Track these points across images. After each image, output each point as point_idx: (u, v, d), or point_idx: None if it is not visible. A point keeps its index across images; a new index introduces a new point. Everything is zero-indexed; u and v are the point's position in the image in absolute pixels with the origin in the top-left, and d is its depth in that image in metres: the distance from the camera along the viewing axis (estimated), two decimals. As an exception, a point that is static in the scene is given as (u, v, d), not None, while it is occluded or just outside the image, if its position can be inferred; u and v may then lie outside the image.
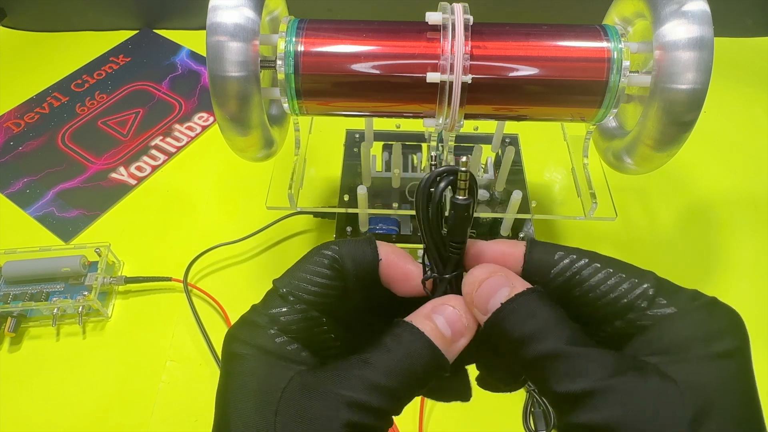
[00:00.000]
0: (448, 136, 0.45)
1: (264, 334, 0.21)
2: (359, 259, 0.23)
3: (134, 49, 0.79)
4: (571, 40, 0.39)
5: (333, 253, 0.23)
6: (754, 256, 0.56)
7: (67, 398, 0.47)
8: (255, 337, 0.21)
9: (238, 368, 0.20)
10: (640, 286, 0.20)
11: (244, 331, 0.21)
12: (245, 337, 0.21)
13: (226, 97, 0.37)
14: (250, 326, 0.22)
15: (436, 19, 0.38)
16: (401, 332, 0.21)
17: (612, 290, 0.20)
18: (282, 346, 0.21)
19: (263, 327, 0.21)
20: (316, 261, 0.23)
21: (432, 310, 0.21)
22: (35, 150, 0.66)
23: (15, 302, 0.50)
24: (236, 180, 0.63)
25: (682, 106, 0.36)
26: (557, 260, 0.21)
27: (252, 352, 0.21)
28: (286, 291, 0.22)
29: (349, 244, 0.23)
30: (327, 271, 0.22)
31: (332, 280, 0.22)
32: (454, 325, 0.21)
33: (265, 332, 0.21)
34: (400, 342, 0.20)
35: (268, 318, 0.21)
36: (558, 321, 0.20)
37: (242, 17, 0.36)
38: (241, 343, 0.21)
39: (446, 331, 0.21)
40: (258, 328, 0.21)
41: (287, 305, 0.22)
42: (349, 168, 0.53)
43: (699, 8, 0.35)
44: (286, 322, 0.21)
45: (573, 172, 0.48)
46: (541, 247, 0.22)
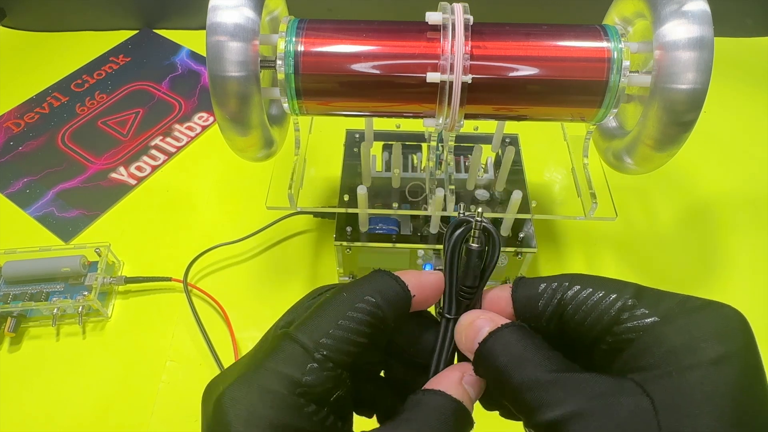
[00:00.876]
0: (448, 136, 0.45)
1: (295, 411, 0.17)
2: (394, 301, 0.21)
3: (134, 49, 0.79)
4: (571, 40, 0.39)
5: (373, 303, 0.21)
6: (754, 256, 0.56)
7: (67, 398, 0.47)
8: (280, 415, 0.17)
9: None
10: (620, 299, 0.20)
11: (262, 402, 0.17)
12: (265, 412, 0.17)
13: (226, 97, 0.37)
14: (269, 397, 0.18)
15: (436, 19, 0.38)
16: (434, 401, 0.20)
17: (595, 308, 0.20)
18: (318, 423, 0.18)
19: (289, 399, 0.18)
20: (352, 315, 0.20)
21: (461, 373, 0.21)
22: (35, 150, 0.66)
23: (15, 302, 0.50)
24: (236, 180, 0.63)
25: (682, 106, 0.36)
26: (541, 292, 0.22)
27: None
28: (322, 353, 0.19)
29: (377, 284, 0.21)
30: (365, 329, 0.20)
31: (370, 334, 0.20)
32: (477, 388, 0.21)
33: (298, 409, 0.18)
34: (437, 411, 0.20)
35: (295, 385, 0.18)
36: (535, 350, 0.20)
37: (242, 17, 0.36)
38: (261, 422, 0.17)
39: (474, 395, 0.21)
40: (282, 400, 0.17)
41: (322, 370, 0.18)
42: (349, 168, 0.53)
43: (699, 8, 0.35)
44: (319, 392, 0.18)
45: (573, 172, 0.48)
46: (525, 283, 0.22)
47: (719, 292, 0.53)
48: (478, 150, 0.49)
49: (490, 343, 0.21)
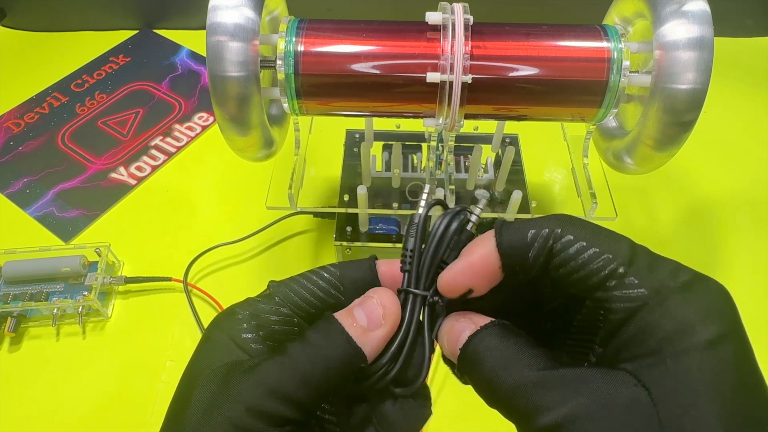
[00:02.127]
0: (448, 136, 0.45)
1: (237, 325, 0.22)
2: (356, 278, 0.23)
3: (134, 49, 0.79)
4: (571, 40, 0.39)
5: (333, 270, 0.23)
6: (754, 256, 0.56)
7: (67, 398, 0.47)
8: (228, 326, 0.22)
9: (203, 349, 0.22)
10: (612, 263, 0.18)
11: (224, 318, 0.22)
12: (222, 323, 0.22)
13: (226, 97, 0.37)
14: (229, 315, 0.22)
15: (436, 19, 0.38)
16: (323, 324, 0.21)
17: (583, 267, 0.19)
18: (246, 342, 0.21)
19: (239, 320, 0.22)
20: (314, 274, 0.23)
21: (357, 302, 0.22)
22: (35, 150, 0.66)
23: (15, 302, 0.50)
24: (236, 180, 0.62)
25: (682, 106, 0.36)
26: (530, 241, 0.20)
27: (219, 337, 0.21)
28: (274, 291, 0.23)
29: (349, 264, 0.24)
30: (322, 285, 0.23)
31: (324, 295, 0.23)
32: (370, 314, 0.21)
33: (239, 324, 0.22)
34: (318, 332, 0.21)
35: (249, 312, 0.22)
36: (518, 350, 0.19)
37: (242, 17, 0.36)
38: (218, 328, 0.22)
39: (363, 320, 0.21)
40: (235, 318, 0.22)
41: (271, 304, 0.22)
42: (349, 168, 0.53)
43: (699, 8, 0.35)
44: (261, 311, 0.22)
45: (573, 172, 0.48)
46: (511, 230, 0.20)
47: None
48: (478, 150, 0.49)
49: (472, 348, 0.20)
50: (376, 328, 0.21)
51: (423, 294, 0.22)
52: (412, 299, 0.22)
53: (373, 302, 0.21)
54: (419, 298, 0.22)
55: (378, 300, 0.22)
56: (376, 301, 0.21)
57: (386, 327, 0.21)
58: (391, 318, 0.21)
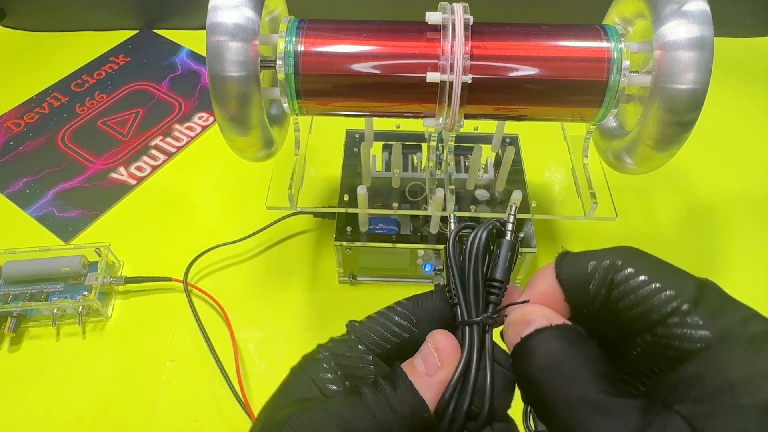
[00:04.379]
0: (448, 136, 0.45)
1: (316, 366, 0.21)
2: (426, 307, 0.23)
3: (134, 49, 0.79)
4: (571, 40, 0.39)
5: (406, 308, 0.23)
6: (754, 256, 0.56)
7: (67, 398, 0.47)
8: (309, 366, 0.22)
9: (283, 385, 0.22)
10: (675, 300, 0.18)
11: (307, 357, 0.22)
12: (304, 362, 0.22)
13: (226, 97, 0.37)
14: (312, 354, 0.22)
15: (436, 19, 0.38)
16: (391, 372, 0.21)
17: (644, 301, 0.18)
18: (323, 382, 0.21)
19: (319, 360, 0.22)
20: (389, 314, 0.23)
21: (419, 351, 0.21)
22: (35, 150, 0.66)
23: (15, 302, 0.50)
24: (236, 180, 0.63)
25: (682, 106, 0.36)
26: (591, 272, 0.19)
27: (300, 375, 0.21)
28: (351, 330, 0.22)
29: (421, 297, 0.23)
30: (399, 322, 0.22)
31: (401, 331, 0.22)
32: (426, 360, 0.20)
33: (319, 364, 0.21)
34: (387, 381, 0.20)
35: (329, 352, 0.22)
36: (584, 361, 0.18)
37: (242, 17, 0.36)
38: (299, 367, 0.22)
39: (421, 368, 0.20)
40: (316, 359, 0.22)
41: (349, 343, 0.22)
42: (349, 168, 0.53)
43: (699, 8, 0.35)
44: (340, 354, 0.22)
45: (573, 172, 0.48)
46: (572, 261, 0.20)
47: (719, 292, 0.53)
48: (478, 150, 0.49)
49: (534, 341, 0.19)
50: (434, 373, 0.20)
51: (478, 321, 0.21)
52: (469, 329, 0.21)
53: (427, 347, 0.21)
54: (477, 326, 0.21)
55: (432, 344, 0.21)
56: (430, 346, 0.21)
57: (445, 369, 0.20)
58: (448, 359, 0.20)
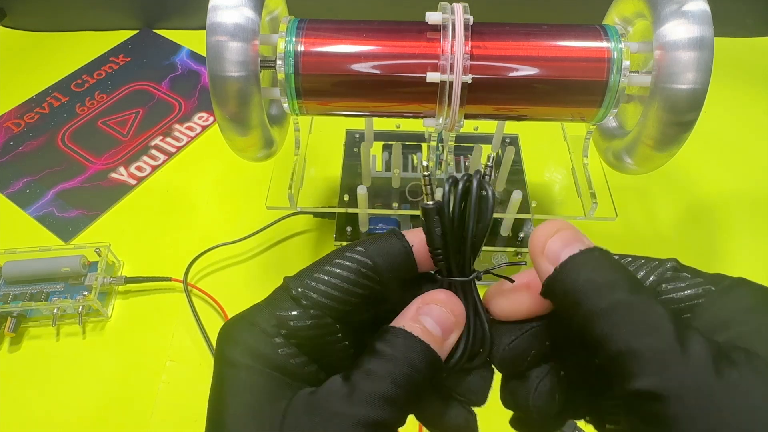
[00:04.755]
0: (448, 136, 0.45)
1: (268, 342, 0.19)
2: (389, 253, 0.21)
3: (134, 49, 0.79)
4: (571, 40, 0.39)
5: (360, 255, 0.21)
6: (754, 256, 0.56)
7: (67, 398, 0.47)
8: (257, 344, 0.19)
9: (236, 380, 0.18)
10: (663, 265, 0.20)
11: (245, 333, 0.19)
12: (245, 341, 0.19)
13: (226, 97, 0.37)
14: (251, 329, 0.19)
15: (436, 19, 0.38)
16: (394, 338, 0.19)
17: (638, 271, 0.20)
18: (286, 359, 0.19)
19: (268, 333, 0.19)
20: (340, 262, 0.20)
21: (417, 311, 0.20)
22: (35, 150, 0.66)
23: (15, 302, 0.50)
24: (236, 180, 0.62)
25: (682, 106, 0.36)
26: None
27: (252, 362, 0.19)
28: (301, 292, 0.20)
29: (374, 241, 0.21)
30: (353, 277, 0.20)
31: (359, 283, 0.20)
32: (444, 324, 0.20)
33: (270, 340, 0.19)
34: (395, 348, 0.19)
35: (276, 321, 0.19)
36: (629, 275, 0.19)
37: (242, 17, 0.36)
38: (241, 348, 0.19)
39: (436, 330, 0.20)
40: (261, 333, 0.19)
41: (299, 308, 0.20)
42: (349, 168, 0.53)
43: (699, 8, 0.35)
44: (294, 328, 0.19)
45: (573, 172, 0.48)
46: None
47: (719, 292, 0.53)
48: (478, 150, 0.49)
49: (585, 260, 0.19)
50: (449, 336, 0.20)
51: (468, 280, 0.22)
52: (455, 284, 0.22)
53: (443, 312, 0.20)
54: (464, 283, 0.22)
55: (449, 309, 0.21)
56: (446, 311, 0.21)
57: (457, 332, 0.21)
58: (461, 323, 0.21)
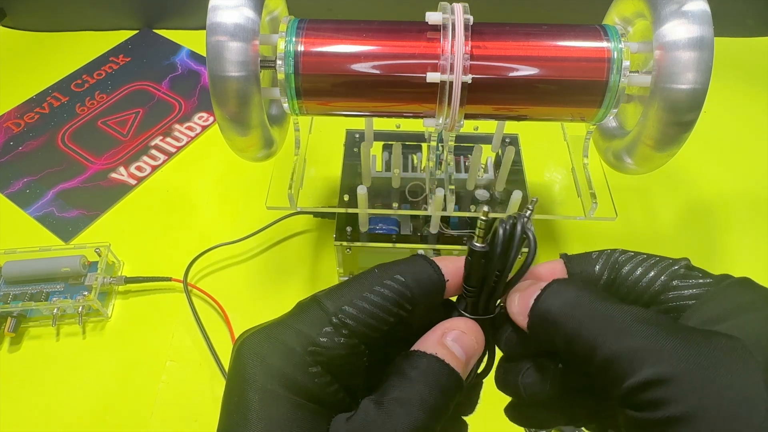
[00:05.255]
0: (448, 136, 0.45)
1: (300, 367, 0.18)
2: (426, 285, 0.21)
3: (134, 49, 0.79)
4: (571, 40, 0.39)
5: (399, 285, 0.20)
6: (754, 256, 0.56)
7: (67, 398, 0.47)
8: (287, 368, 0.18)
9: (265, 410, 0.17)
10: (675, 264, 0.21)
11: (274, 354, 0.18)
12: (275, 363, 0.18)
13: (226, 97, 0.37)
14: (281, 348, 0.18)
15: (436, 19, 0.38)
16: (419, 362, 0.19)
17: (651, 268, 0.21)
18: (322, 388, 0.18)
19: (299, 355, 0.18)
20: (379, 291, 0.20)
21: (443, 336, 0.20)
22: (35, 150, 0.66)
23: (15, 302, 0.50)
24: (236, 180, 0.63)
25: (682, 106, 0.36)
26: (596, 258, 0.22)
27: (283, 391, 0.17)
28: (340, 318, 0.19)
29: (410, 269, 0.21)
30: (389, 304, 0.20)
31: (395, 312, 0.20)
32: (467, 349, 0.20)
33: (303, 365, 0.18)
34: (424, 372, 0.19)
35: (309, 344, 0.18)
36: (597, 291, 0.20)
37: (242, 17, 0.36)
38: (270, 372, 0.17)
39: (461, 355, 0.20)
40: (292, 354, 0.18)
41: (333, 331, 0.19)
42: (349, 168, 0.53)
43: (699, 8, 0.35)
44: (330, 355, 0.18)
45: (573, 172, 0.48)
46: (576, 256, 0.23)
47: (719, 292, 0.53)
48: (478, 150, 0.49)
49: (547, 296, 0.20)
50: (471, 360, 0.21)
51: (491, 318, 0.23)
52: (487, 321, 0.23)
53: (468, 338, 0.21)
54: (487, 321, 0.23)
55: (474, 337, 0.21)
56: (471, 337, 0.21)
57: (476, 357, 0.21)
58: (481, 350, 0.22)
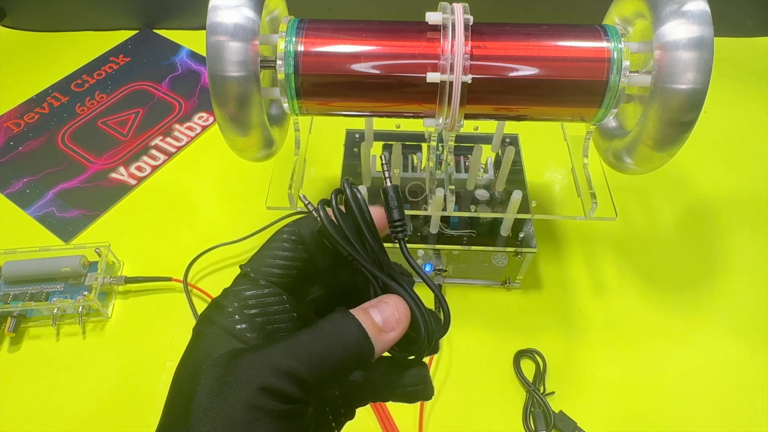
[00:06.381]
0: (448, 136, 0.45)
1: (223, 313, 0.23)
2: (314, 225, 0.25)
3: (134, 49, 0.79)
4: (571, 40, 0.39)
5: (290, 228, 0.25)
6: (754, 256, 0.56)
7: (67, 398, 0.47)
8: (215, 316, 0.23)
9: (194, 342, 0.23)
10: None
11: (209, 310, 0.24)
12: (209, 315, 0.23)
13: (226, 97, 0.37)
14: (214, 306, 0.24)
15: (436, 19, 0.38)
16: (337, 316, 0.22)
17: None
18: (233, 324, 0.23)
19: (224, 306, 0.23)
20: (276, 239, 0.25)
21: (371, 305, 0.23)
22: (35, 150, 0.66)
23: (15, 302, 0.50)
24: (236, 180, 0.63)
25: (682, 106, 0.36)
26: None
27: (212, 331, 0.22)
28: (250, 269, 0.24)
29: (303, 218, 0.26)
30: (287, 245, 0.25)
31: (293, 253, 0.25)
32: (388, 319, 0.23)
33: (225, 311, 0.23)
34: (332, 323, 0.22)
35: (232, 296, 0.23)
36: None
37: (242, 17, 0.36)
38: (205, 320, 0.23)
39: (378, 320, 0.23)
40: (220, 307, 0.23)
41: (249, 283, 0.24)
42: (349, 168, 0.53)
43: (699, 8, 0.35)
44: (247, 297, 0.23)
45: (573, 172, 0.48)
46: None
47: (719, 292, 0.53)
48: (478, 150, 0.49)
49: None
50: (389, 331, 0.23)
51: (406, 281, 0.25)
52: None
53: (390, 308, 0.23)
54: None
55: (395, 307, 0.23)
56: (392, 308, 0.23)
57: (397, 331, 0.23)
58: (403, 325, 0.23)
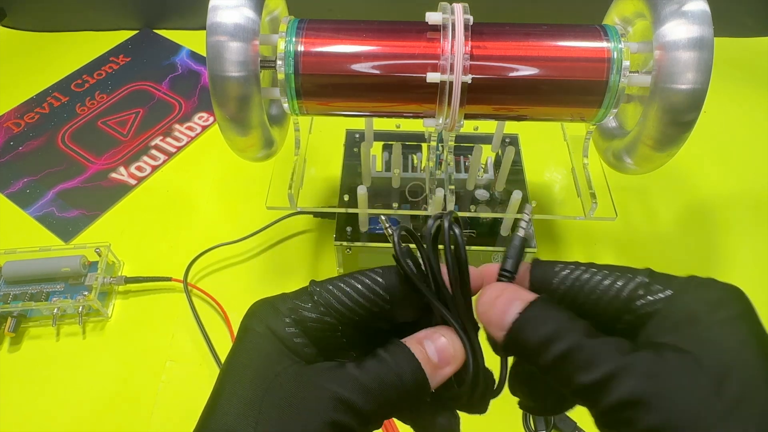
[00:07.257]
0: (448, 136, 0.45)
1: (279, 320, 0.22)
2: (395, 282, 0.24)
3: (134, 49, 0.79)
4: (571, 40, 0.39)
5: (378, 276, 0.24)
6: (754, 256, 0.56)
7: (67, 398, 0.47)
8: (270, 319, 0.23)
9: (247, 341, 0.22)
10: (635, 279, 0.22)
11: (264, 310, 0.23)
12: (263, 315, 0.23)
13: (226, 97, 0.37)
14: (270, 308, 0.23)
15: (436, 19, 0.38)
16: (394, 349, 0.22)
17: (610, 287, 0.22)
18: (290, 336, 0.22)
19: (281, 313, 0.23)
20: (358, 277, 0.24)
21: (425, 336, 0.23)
22: (35, 150, 0.66)
23: (15, 302, 0.50)
24: (236, 180, 0.63)
25: (682, 106, 0.36)
26: (557, 271, 0.23)
27: (263, 330, 0.22)
28: (318, 291, 0.23)
29: (389, 268, 0.24)
30: (365, 291, 0.23)
31: (370, 300, 0.23)
32: (442, 353, 0.22)
33: (281, 318, 0.22)
34: (392, 356, 0.21)
35: (290, 307, 0.23)
36: (569, 320, 0.21)
37: (242, 17, 0.36)
38: (257, 319, 0.23)
39: (434, 357, 0.22)
40: (277, 312, 0.23)
41: (311, 304, 0.23)
42: (349, 168, 0.53)
43: (699, 8, 0.35)
44: (303, 317, 0.23)
45: (573, 172, 0.48)
46: (543, 264, 0.24)
47: (719, 292, 0.53)
48: (478, 150, 0.49)
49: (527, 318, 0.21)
50: (445, 366, 0.22)
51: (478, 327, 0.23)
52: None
53: (445, 342, 0.23)
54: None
55: (450, 341, 0.23)
56: (448, 342, 0.23)
57: (453, 366, 0.23)
58: (459, 360, 0.23)
